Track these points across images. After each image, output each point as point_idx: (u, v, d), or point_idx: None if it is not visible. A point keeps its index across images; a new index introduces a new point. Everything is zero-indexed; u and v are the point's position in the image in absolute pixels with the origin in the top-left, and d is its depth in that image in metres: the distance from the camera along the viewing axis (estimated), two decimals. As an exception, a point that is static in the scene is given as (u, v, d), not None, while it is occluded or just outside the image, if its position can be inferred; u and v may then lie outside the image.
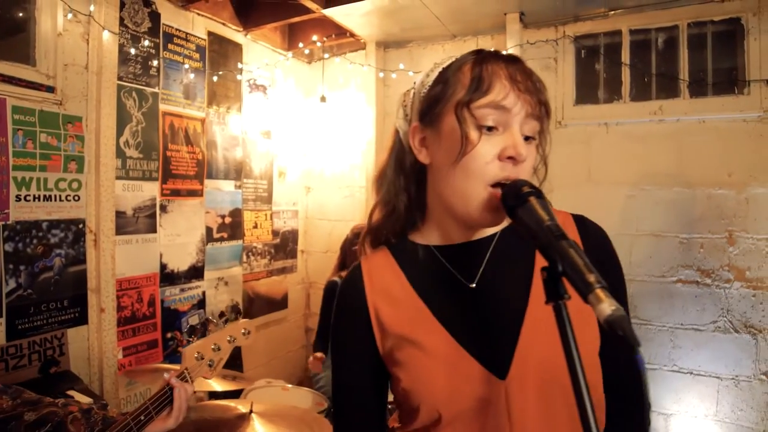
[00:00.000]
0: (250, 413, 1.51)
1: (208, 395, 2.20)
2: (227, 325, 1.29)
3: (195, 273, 2.37)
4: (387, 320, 0.66)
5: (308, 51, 2.92)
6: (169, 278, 2.25)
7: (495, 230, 0.67)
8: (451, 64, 0.64)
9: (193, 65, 2.33)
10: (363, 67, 2.77)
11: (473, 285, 0.65)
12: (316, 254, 3.14)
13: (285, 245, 2.97)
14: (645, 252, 2.28)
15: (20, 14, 1.73)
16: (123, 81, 2.00)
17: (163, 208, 2.21)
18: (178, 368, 1.13)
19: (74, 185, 1.86)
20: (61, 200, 1.81)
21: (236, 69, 2.55)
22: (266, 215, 2.81)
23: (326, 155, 3.04)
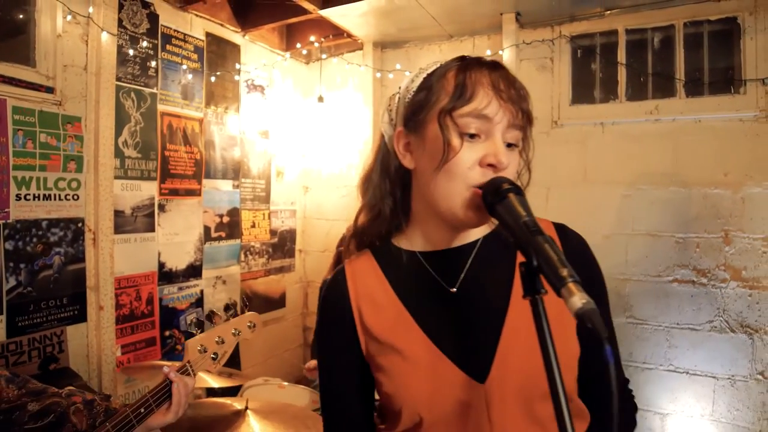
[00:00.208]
0: (246, 410, 1.52)
1: (206, 392, 2.22)
2: (232, 318, 1.28)
3: (193, 272, 2.39)
4: (370, 324, 0.66)
5: (306, 51, 2.94)
6: (168, 277, 2.27)
7: (477, 237, 0.68)
8: (436, 71, 0.65)
9: (191, 66, 2.35)
10: (360, 68, 2.78)
11: (454, 290, 0.66)
12: (314, 254, 3.15)
13: (283, 244, 2.99)
14: (641, 251, 2.28)
15: (20, 16, 1.75)
16: (121, 82, 2.02)
17: (162, 208, 2.23)
18: (180, 362, 1.13)
19: (73, 185, 1.88)
20: (61, 199, 1.83)
21: (234, 69, 2.56)
22: (264, 215, 2.83)
23: (324, 155, 3.05)
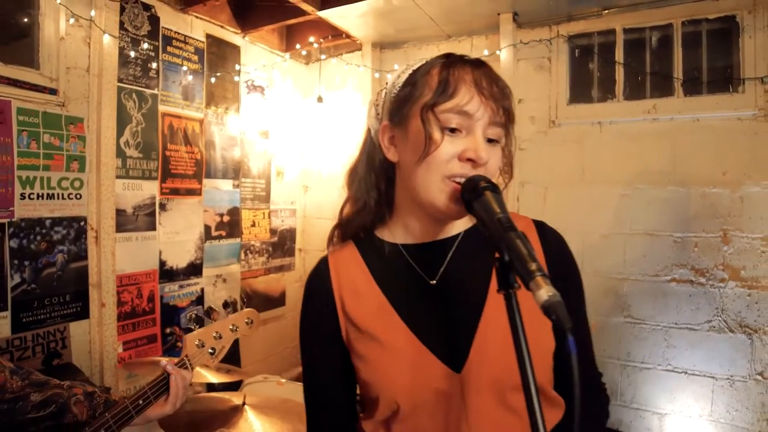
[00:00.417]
0: (243, 405, 1.55)
1: (206, 387, 2.25)
2: (231, 315, 1.29)
3: (194, 270, 2.42)
4: (352, 312, 0.68)
5: (305, 52, 2.96)
6: (168, 275, 2.30)
7: (458, 231, 0.70)
8: (421, 67, 0.67)
9: (192, 67, 2.38)
10: (359, 68, 2.79)
11: (433, 282, 0.67)
12: (314, 252, 3.18)
13: (283, 243, 3.02)
14: (639, 251, 2.28)
15: (25, 20, 1.80)
16: (123, 83, 2.06)
17: (163, 207, 2.26)
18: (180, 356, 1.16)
19: (76, 184, 1.92)
20: (64, 198, 1.88)
21: (234, 70, 2.59)
22: (264, 214, 2.86)
23: (324, 155, 3.07)
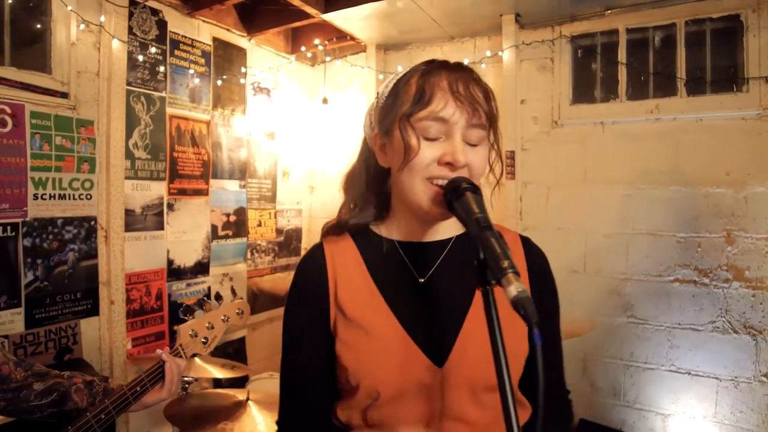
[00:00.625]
0: (247, 400, 1.59)
1: (213, 384, 2.30)
2: (222, 305, 1.35)
3: (201, 269, 2.47)
4: (343, 300, 0.70)
5: (311, 54, 2.99)
6: (176, 273, 2.35)
7: (452, 234, 0.73)
8: (402, 77, 0.69)
9: (199, 70, 2.43)
10: (363, 69, 2.82)
11: (422, 280, 0.70)
12: (320, 252, 3.21)
13: (289, 243, 3.06)
14: (642, 251, 2.28)
15: (38, 26, 1.85)
16: (132, 86, 2.11)
17: (170, 207, 2.31)
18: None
19: (87, 185, 1.97)
20: (75, 199, 1.93)
21: (240, 73, 2.64)
22: (270, 214, 2.90)
23: (329, 155, 3.10)
